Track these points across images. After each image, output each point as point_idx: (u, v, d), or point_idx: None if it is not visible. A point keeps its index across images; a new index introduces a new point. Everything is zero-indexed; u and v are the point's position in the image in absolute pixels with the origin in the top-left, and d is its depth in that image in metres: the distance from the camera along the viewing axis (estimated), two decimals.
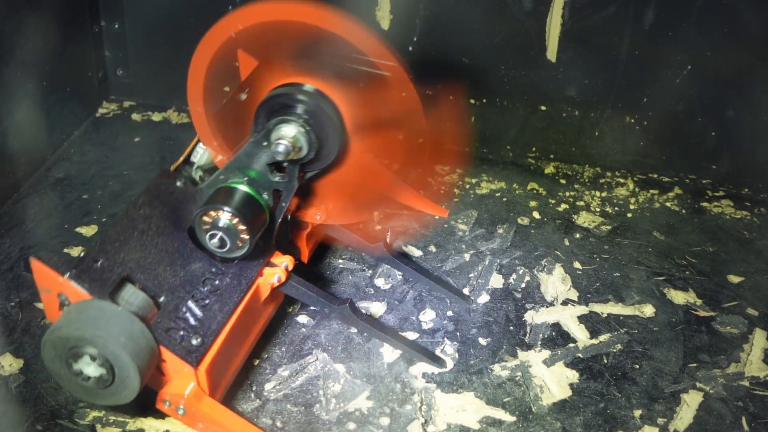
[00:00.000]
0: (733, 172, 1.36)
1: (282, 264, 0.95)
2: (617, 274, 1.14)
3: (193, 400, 0.84)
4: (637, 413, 0.93)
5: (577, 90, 1.35)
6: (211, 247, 0.89)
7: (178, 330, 0.84)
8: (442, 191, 1.31)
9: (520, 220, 1.25)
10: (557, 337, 1.03)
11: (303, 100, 0.89)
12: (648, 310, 1.08)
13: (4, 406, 0.88)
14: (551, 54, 1.32)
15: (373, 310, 1.06)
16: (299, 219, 1.02)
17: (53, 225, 1.17)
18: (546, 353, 1.00)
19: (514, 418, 0.91)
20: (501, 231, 1.22)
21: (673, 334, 1.05)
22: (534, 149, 1.41)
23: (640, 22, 1.27)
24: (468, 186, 1.32)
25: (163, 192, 0.93)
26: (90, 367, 0.80)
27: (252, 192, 0.90)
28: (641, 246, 1.21)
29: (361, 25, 0.85)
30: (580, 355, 1.01)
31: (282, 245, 0.97)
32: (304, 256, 1.07)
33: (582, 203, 1.30)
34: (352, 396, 0.93)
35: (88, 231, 1.16)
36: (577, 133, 1.39)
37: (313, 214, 1.01)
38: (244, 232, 0.87)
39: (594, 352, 1.01)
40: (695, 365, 1.00)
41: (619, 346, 1.02)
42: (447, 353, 1.00)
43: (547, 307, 1.08)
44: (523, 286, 1.11)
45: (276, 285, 0.94)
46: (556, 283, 1.12)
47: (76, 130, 1.40)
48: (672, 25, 1.26)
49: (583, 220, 1.26)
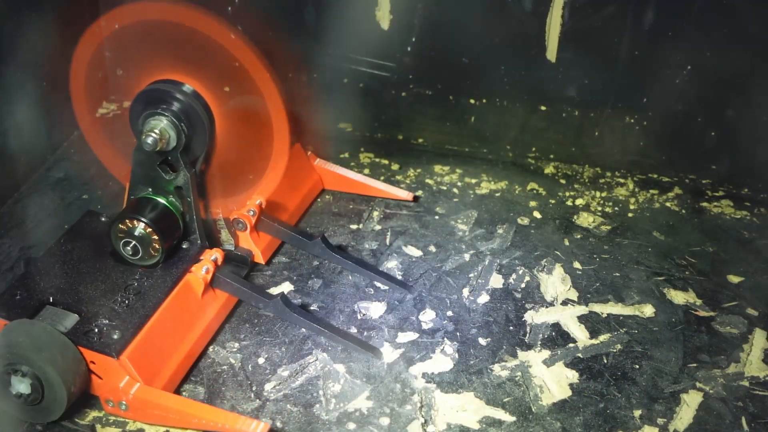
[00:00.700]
0: (733, 172, 1.36)
1: (211, 257, 0.99)
2: (617, 274, 1.14)
3: (129, 391, 0.86)
4: (637, 413, 0.93)
5: (577, 90, 1.35)
6: (125, 255, 0.96)
7: (98, 330, 0.88)
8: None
9: (520, 220, 1.25)
10: (557, 337, 1.03)
11: (173, 94, 0.95)
12: (648, 310, 1.08)
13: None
14: (551, 54, 1.32)
15: (373, 310, 1.06)
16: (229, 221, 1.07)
17: (53, 225, 1.17)
18: (546, 353, 1.00)
19: (514, 418, 0.91)
20: (501, 231, 1.22)
21: (672, 334, 1.05)
22: (534, 149, 1.41)
23: (640, 22, 1.27)
24: (468, 186, 1.32)
25: (87, 228, 1.02)
26: (21, 384, 0.83)
27: (158, 197, 0.97)
28: (641, 246, 1.21)
29: (229, 26, 0.93)
30: (579, 355, 1.01)
31: (213, 242, 1.04)
32: (258, 257, 1.10)
33: (582, 203, 1.30)
34: (352, 396, 0.93)
35: None
36: (577, 133, 1.39)
37: (216, 209, 1.06)
38: (156, 241, 0.95)
39: (594, 352, 1.01)
40: (695, 365, 1.00)
41: (618, 346, 1.02)
42: (447, 353, 1.00)
43: (546, 307, 1.08)
44: (522, 286, 1.11)
45: (208, 279, 0.97)
46: (556, 283, 1.12)
47: (76, 130, 1.40)
48: (672, 25, 1.26)
49: (583, 220, 1.26)
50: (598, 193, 1.32)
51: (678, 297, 1.11)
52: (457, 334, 1.03)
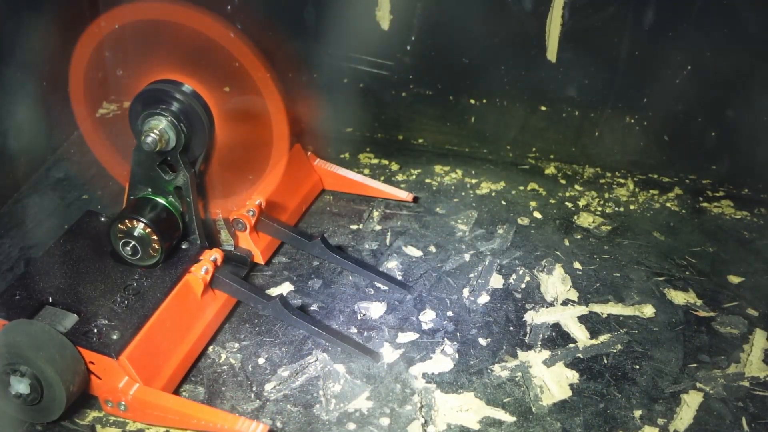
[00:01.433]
0: (733, 172, 1.36)
1: (210, 257, 0.99)
2: (617, 275, 1.14)
3: (128, 391, 0.86)
4: (637, 413, 0.93)
5: (577, 90, 1.35)
6: (125, 255, 0.96)
7: (97, 330, 0.88)
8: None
9: (520, 221, 1.25)
10: (557, 338, 1.03)
11: (172, 95, 0.94)
12: (648, 311, 1.08)
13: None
14: (551, 54, 1.32)
15: (373, 311, 1.06)
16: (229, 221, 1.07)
17: (53, 225, 1.17)
18: (546, 353, 1.00)
19: (514, 419, 0.91)
20: (501, 231, 1.22)
21: (673, 334, 1.05)
22: (534, 149, 1.41)
23: (640, 22, 1.27)
24: (468, 186, 1.32)
25: (86, 229, 1.02)
26: (20, 384, 0.83)
27: (158, 198, 0.97)
28: (641, 246, 1.21)
29: (228, 26, 0.93)
30: (580, 355, 1.01)
31: (213, 242, 1.04)
32: (258, 257, 1.10)
33: (582, 203, 1.30)
34: (352, 396, 0.93)
35: None
36: (577, 133, 1.39)
37: (215, 209, 1.06)
38: (156, 242, 0.95)
39: (594, 352, 1.01)
40: (695, 365, 1.00)
41: (619, 347, 1.02)
42: (447, 353, 1.00)
43: (547, 307, 1.08)
44: (523, 286, 1.11)
45: (208, 279, 0.97)
46: (556, 283, 1.12)
47: (77, 130, 1.40)
48: (672, 25, 1.26)
49: (583, 220, 1.26)
50: (598, 194, 1.32)
51: (678, 297, 1.11)
52: (458, 334, 1.03)
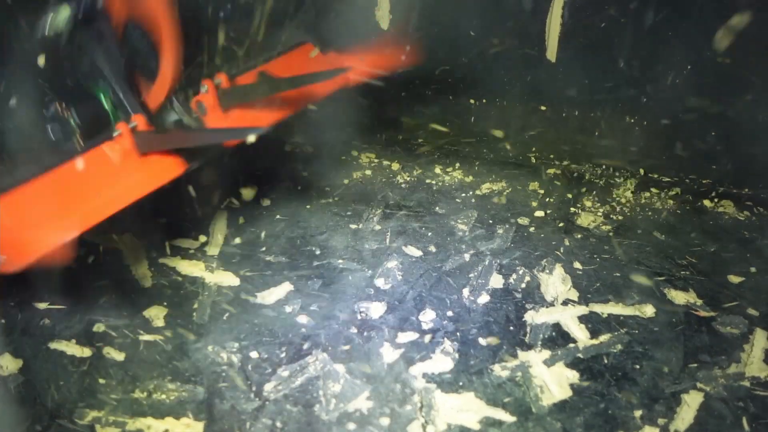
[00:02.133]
0: (734, 172, 1.36)
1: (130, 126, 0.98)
2: (617, 274, 1.14)
3: None
4: (638, 413, 0.93)
5: (577, 90, 1.35)
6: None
7: None
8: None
9: (520, 220, 1.25)
10: (557, 338, 1.03)
11: None
12: (648, 310, 1.08)
13: (4, 406, 0.88)
14: (551, 54, 1.32)
15: (373, 311, 1.05)
16: None
17: None
18: (546, 353, 1.00)
19: (514, 419, 0.91)
20: (501, 231, 1.22)
21: (673, 334, 1.04)
22: (534, 149, 1.41)
23: (640, 22, 1.27)
24: (468, 186, 1.32)
25: None
26: None
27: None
28: (641, 246, 1.20)
29: None
30: (580, 355, 1.00)
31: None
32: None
33: (582, 203, 1.29)
34: (352, 396, 0.93)
35: (87, 231, 1.16)
36: (577, 133, 1.39)
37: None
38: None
39: (594, 352, 1.01)
40: (696, 365, 1.00)
41: (619, 347, 1.02)
42: (447, 353, 0.99)
43: (547, 307, 1.08)
44: (523, 286, 1.11)
45: (126, 145, 0.96)
46: (556, 283, 1.12)
47: None
48: (672, 25, 1.26)
49: (584, 220, 1.26)
50: (598, 194, 1.32)
51: (678, 297, 1.11)
52: (458, 334, 1.02)
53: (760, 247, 1.22)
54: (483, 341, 1.02)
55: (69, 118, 1.00)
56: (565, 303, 1.09)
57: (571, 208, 1.28)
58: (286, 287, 1.09)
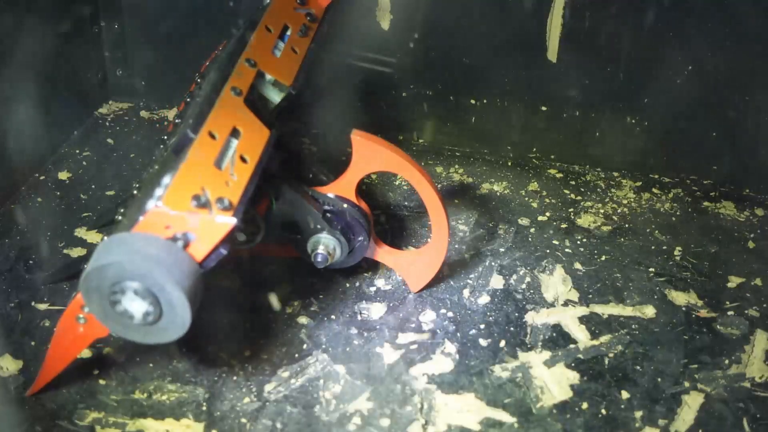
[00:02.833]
0: (735, 172, 1.36)
1: None
2: (618, 275, 1.14)
3: None
4: (638, 414, 0.93)
5: (578, 90, 1.35)
6: None
7: None
8: None
9: (520, 221, 1.25)
10: (558, 338, 1.03)
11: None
12: (649, 311, 1.08)
13: (4, 407, 0.88)
14: (552, 54, 1.32)
15: (374, 311, 1.05)
16: None
17: (53, 226, 1.17)
18: (547, 354, 1.00)
19: (514, 420, 0.91)
20: (501, 231, 1.22)
21: (674, 335, 1.04)
22: (534, 150, 1.41)
23: (640, 22, 1.26)
24: (468, 186, 1.32)
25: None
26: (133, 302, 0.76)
27: None
28: (642, 247, 1.20)
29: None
30: (580, 356, 1.00)
31: None
32: None
33: (583, 204, 1.29)
34: (352, 397, 0.93)
35: (87, 232, 1.16)
36: (577, 133, 1.38)
37: None
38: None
39: (595, 353, 1.01)
40: (696, 366, 1.00)
41: (619, 347, 1.02)
42: (447, 354, 0.99)
43: (547, 307, 1.08)
44: (523, 286, 1.11)
45: None
46: (556, 283, 1.12)
47: (76, 131, 1.40)
48: (672, 25, 1.26)
49: (584, 220, 1.25)
50: (598, 194, 1.32)
51: (679, 298, 1.11)
52: (458, 334, 1.02)
53: (761, 248, 1.22)
54: (483, 342, 1.01)
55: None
56: (566, 304, 1.08)
57: (571, 209, 1.28)
58: (286, 287, 1.09)
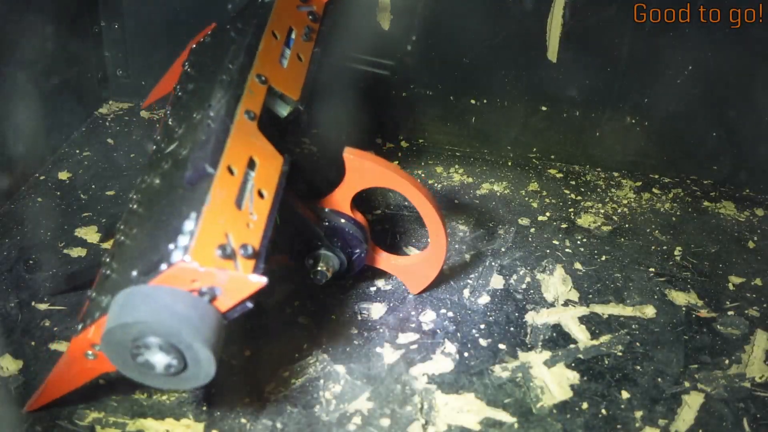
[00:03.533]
0: (735, 172, 1.36)
1: None
2: (618, 275, 1.14)
3: None
4: (638, 414, 0.93)
5: (578, 90, 1.35)
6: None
7: None
8: None
9: (520, 221, 1.24)
10: (558, 338, 1.03)
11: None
12: (649, 311, 1.08)
13: (4, 407, 0.87)
14: (552, 54, 1.32)
15: (374, 311, 1.05)
16: None
17: (53, 226, 1.17)
18: (547, 354, 1.00)
19: (514, 419, 0.91)
20: (501, 232, 1.22)
21: (674, 335, 1.04)
22: (534, 150, 1.41)
23: (640, 22, 1.26)
24: (468, 186, 1.32)
25: None
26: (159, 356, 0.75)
27: None
28: (642, 247, 1.20)
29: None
30: (580, 356, 1.00)
31: None
32: None
33: (583, 204, 1.29)
34: (352, 397, 0.93)
35: (88, 232, 1.16)
36: (577, 133, 1.39)
37: None
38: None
39: (595, 353, 1.01)
40: (696, 366, 1.00)
41: (620, 347, 1.02)
42: (447, 354, 0.99)
43: (547, 308, 1.08)
44: (523, 286, 1.11)
45: None
46: (556, 283, 1.12)
47: (76, 131, 1.40)
48: (672, 25, 1.26)
49: (584, 220, 1.25)
50: (599, 194, 1.32)
51: (679, 298, 1.11)
52: (458, 334, 1.02)
53: (761, 248, 1.22)
54: (483, 342, 1.01)
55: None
56: (566, 304, 1.08)
57: (571, 209, 1.28)
58: (286, 287, 1.09)
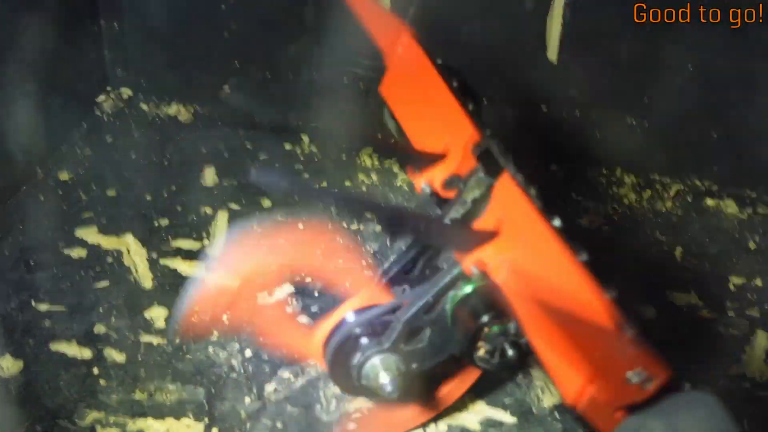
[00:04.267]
0: (735, 172, 1.36)
1: None
2: (618, 275, 1.14)
3: None
4: None
5: (578, 90, 1.35)
6: None
7: None
8: None
9: None
10: None
11: None
12: (649, 312, 1.08)
13: (4, 407, 0.88)
14: (552, 54, 1.32)
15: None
16: None
17: (53, 226, 1.17)
18: None
19: (515, 419, 0.91)
20: None
21: (674, 335, 1.04)
22: (535, 150, 1.41)
23: (640, 22, 1.26)
24: None
25: None
26: None
27: None
28: (643, 247, 1.20)
29: None
30: None
31: None
32: None
33: (583, 204, 1.29)
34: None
35: (88, 232, 1.16)
36: (577, 133, 1.38)
37: None
38: None
39: None
40: (696, 366, 1.00)
41: None
42: None
43: None
44: None
45: None
46: None
47: (76, 130, 1.40)
48: (672, 25, 1.25)
49: (584, 220, 1.25)
50: (599, 194, 1.32)
51: (680, 298, 1.11)
52: None
53: (762, 248, 1.22)
54: None
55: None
56: None
57: (571, 209, 1.28)
58: (286, 288, 1.09)
